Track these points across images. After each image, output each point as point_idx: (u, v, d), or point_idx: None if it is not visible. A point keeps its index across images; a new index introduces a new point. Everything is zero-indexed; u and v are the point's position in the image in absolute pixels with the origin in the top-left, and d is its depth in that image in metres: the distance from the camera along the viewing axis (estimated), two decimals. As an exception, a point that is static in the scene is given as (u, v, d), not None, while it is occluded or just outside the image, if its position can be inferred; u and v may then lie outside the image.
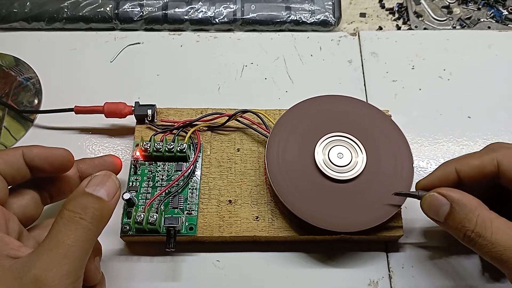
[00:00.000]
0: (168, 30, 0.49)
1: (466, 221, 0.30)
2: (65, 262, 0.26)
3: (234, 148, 0.40)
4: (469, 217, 0.30)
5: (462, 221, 0.30)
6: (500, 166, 0.31)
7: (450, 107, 0.45)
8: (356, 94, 0.44)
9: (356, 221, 0.35)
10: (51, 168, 0.32)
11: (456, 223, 0.31)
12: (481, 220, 0.29)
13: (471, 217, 0.30)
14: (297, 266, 0.37)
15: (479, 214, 0.30)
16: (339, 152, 0.37)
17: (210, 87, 0.45)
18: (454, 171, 0.32)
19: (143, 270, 0.36)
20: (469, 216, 0.30)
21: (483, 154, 0.32)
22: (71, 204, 0.28)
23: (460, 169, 0.32)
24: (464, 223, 0.30)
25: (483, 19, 0.51)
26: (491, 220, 0.29)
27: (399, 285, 0.36)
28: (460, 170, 0.32)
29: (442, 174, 0.33)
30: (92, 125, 0.43)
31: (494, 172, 0.31)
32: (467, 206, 0.30)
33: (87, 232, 0.27)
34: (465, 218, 0.30)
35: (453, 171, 0.32)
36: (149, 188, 0.37)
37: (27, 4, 0.48)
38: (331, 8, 0.49)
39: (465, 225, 0.30)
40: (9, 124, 0.43)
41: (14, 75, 0.46)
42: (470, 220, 0.30)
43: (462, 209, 0.30)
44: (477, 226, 0.29)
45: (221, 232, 0.36)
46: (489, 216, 0.30)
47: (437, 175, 0.33)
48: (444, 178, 0.33)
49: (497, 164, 0.31)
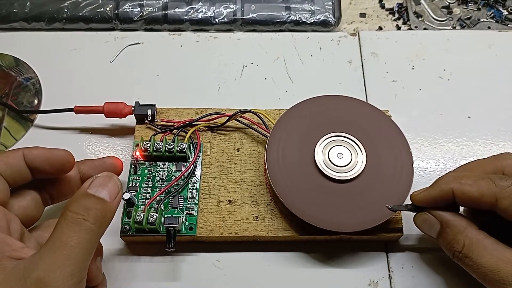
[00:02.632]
0: (168, 30, 0.49)
1: (455, 242, 0.31)
2: (69, 263, 0.26)
3: (234, 148, 0.40)
4: (457, 239, 0.31)
5: (451, 242, 0.31)
6: (498, 205, 0.30)
7: (450, 107, 0.45)
8: (356, 94, 0.44)
9: (356, 221, 0.35)
10: (52, 169, 0.32)
11: (446, 243, 0.32)
12: (468, 241, 0.31)
13: (459, 238, 0.31)
14: (297, 266, 0.37)
15: (467, 235, 0.31)
16: (339, 152, 0.37)
17: (210, 87, 0.45)
18: (451, 193, 0.31)
19: (143, 270, 0.36)
20: (457, 237, 0.31)
21: (484, 185, 0.31)
22: (73, 206, 0.28)
23: (458, 195, 0.31)
24: (453, 244, 0.31)
25: (483, 19, 0.51)
26: (479, 241, 0.30)
27: (399, 285, 0.36)
28: (457, 195, 0.31)
29: (438, 195, 0.32)
30: (92, 125, 0.43)
31: (492, 206, 0.30)
32: (456, 227, 0.31)
33: (90, 233, 0.27)
34: (454, 239, 0.31)
35: (450, 192, 0.31)
36: (149, 188, 0.38)
37: (27, 4, 0.48)
38: (331, 8, 0.49)
39: (453, 246, 0.31)
40: (9, 124, 0.43)
41: (14, 75, 0.46)
42: (458, 242, 0.31)
43: (451, 230, 0.31)
44: (465, 247, 0.31)
45: (221, 232, 0.36)
46: (477, 237, 0.31)
47: (433, 195, 0.32)
48: (440, 198, 0.32)
49: (496, 201, 0.30)
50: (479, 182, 0.31)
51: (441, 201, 0.32)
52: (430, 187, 0.33)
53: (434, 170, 0.41)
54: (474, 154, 0.42)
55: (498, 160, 0.33)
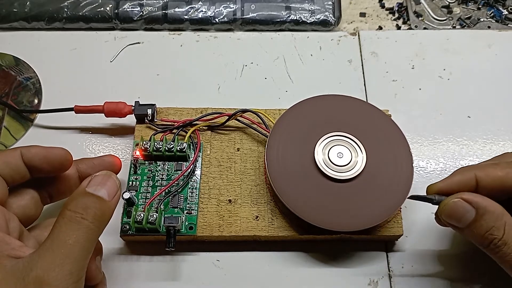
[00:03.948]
0: (168, 30, 0.49)
1: (495, 229, 0.29)
2: (67, 262, 0.26)
3: (234, 148, 0.40)
4: (497, 225, 0.29)
5: (490, 229, 0.29)
6: None
7: (450, 107, 0.45)
8: (356, 94, 0.44)
9: (356, 221, 0.35)
10: (50, 167, 0.32)
11: (482, 231, 0.29)
12: (508, 228, 0.29)
13: (499, 225, 0.29)
14: (297, 266, 0.37)
15: (506, 222, 0.29)
16: (339, 151, 0.37)
17: (210, 86, 0.45)
18: (474, 179, 0.30)
19: (143, 270, 0.36)
20: (497, 224, 0.29)
21: (507, 166, 0.30)
22: (72, 204, 0.28)
23: (482, 178, 0.30)
24: (493, 231, 0.29)
25: (483, 19, 0.51)
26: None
27: (399, 285, 0.36)
28: (481, 179, 0.30)
29: (460, 180, 0.31)
30: (92, 124, 0.43)
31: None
32: (495, 213, 0.29)
33: (89, 232, 0.27)
34: (494, 226, 0.29)
35: (473, 178, 0.30)
36: (149, 188, 0.37)
37: (27, 4, 0.48)
38: (331, 8, 0.49)
39: (493, 233, 0.29)
40: (9, 124, 0.43)
41: (14, 75, 0.46)
42: (499, 228, 0.29)
43: (491, 216, 0.29)
44: (505, 234, 0.29)
45: (221, 231, 0.36)
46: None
47: (455, 181, 0.31)
48: (462, 184, 0.31)
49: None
50: (501, 164, 0.30)
51: (463, 188, 0.30)
52: (449, 177, 0.31)
53: (434, 169, 0.41)
54: (474, 154, 0.42)
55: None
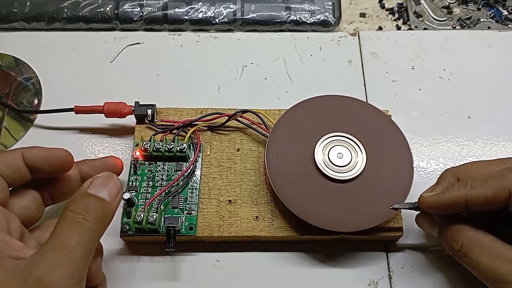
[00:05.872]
0: (168, 30, 0.49)
1: (453, 242, 0.32)
2: (69, 263, 0.26)
3: (234, 148, 0.40)
4: (455, 238, 0.31)
5: (450, 241, 0.32)
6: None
7: (450, 107, 0.45)
8: (356, 94, 0.44)
9: (356, 221, 0.35)
10: (51, 168, 0.32)
11: (445, 243, 0.33)
12: (467, 241, 0.31)
13: (458, 238, 0.31)
14: (297, 266, 0.37)
15: (465, 235, 0.31)
16: (339, 152, 0.37)
17: (210, 87, 0.45)
18: (463, 201, 0.31)
19: (143, 270, 0.36)
20: (455, 237, 0.32)
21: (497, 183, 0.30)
22: (73, 205, 0.28)
23: (471, 200, 0.30)
24: (452, 244, 0.32)
25: (483, 19, 0.51)
26: (477, 240, 0.31)
27: (399, 285, 0.36)
28: (471, 201, 0.30)
29: (450, 201, 0.31)
30: (92, 125, 0.43)
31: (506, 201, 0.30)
32: (454, 227, 0.32)
33: (90, 233, 0.27)
34: (452, 239, 0.32)
35: (463, 200, 0.31)
36: (149, 188, 0.37)
37: (27, 4, 0.48)
38: (331, 8, 0.49)
39: (453, 245, 0.32)
40: (9, 124, 0.43)
41: (14, 75, 0.46)
42: (457, 241, 0.31)
43: (450, 230, 0.32)
44: (463, 247, 0.31)
45: (221, 232, 0.36)
46: (475, 236, 0.31)
47: (445, 202, 0.31)
48: (452, 205, 0.31)
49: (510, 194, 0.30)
50: (489, 181, 0.31)
51: (452, 209, 0.31)
52: (441, 193, 0.32)
53: (434, 170, 0.41)
54: (474, 154, 0.42)
55: (504, 163, 0.33)
